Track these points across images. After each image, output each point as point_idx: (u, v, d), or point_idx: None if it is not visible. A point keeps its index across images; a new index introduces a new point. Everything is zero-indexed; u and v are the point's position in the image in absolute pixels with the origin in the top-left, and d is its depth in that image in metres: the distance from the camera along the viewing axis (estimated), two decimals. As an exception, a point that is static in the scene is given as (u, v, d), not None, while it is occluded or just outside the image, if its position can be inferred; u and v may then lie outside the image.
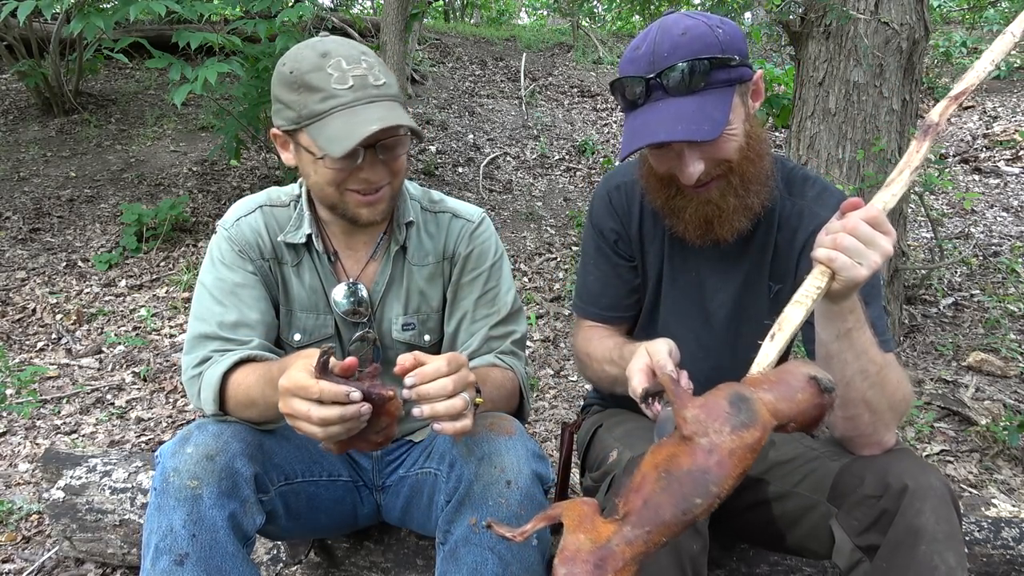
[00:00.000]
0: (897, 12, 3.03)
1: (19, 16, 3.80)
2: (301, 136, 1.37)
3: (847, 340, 1.18)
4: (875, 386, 1.22)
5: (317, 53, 1.34)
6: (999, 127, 6.26)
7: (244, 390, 1.33)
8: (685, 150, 1.30)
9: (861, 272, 1.07)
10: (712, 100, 1.27)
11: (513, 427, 1.39)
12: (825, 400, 0.98)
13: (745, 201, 1.36)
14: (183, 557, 1.23)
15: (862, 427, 1.27)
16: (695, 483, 0.91)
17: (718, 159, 1.32)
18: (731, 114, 1.28)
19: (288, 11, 4.19)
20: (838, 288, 1.10)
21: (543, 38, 10.09)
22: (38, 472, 2.24)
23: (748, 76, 1.33)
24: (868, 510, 1.22)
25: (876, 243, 1.07)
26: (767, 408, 0.96)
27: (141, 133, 6.12)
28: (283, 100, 1.37)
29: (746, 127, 1.33)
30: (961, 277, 4.03)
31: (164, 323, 3.75)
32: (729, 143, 1.31)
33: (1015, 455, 2.54)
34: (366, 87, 1.34)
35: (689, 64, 1.26)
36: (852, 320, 1.17)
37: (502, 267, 1.62)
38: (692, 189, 1.35)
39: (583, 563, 0.89)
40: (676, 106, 1.27)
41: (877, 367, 1.21)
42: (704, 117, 1.25)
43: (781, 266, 1.47)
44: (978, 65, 1.16)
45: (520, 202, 5.38)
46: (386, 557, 1.82)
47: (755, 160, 1.35)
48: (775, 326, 1.07)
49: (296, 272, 1.54)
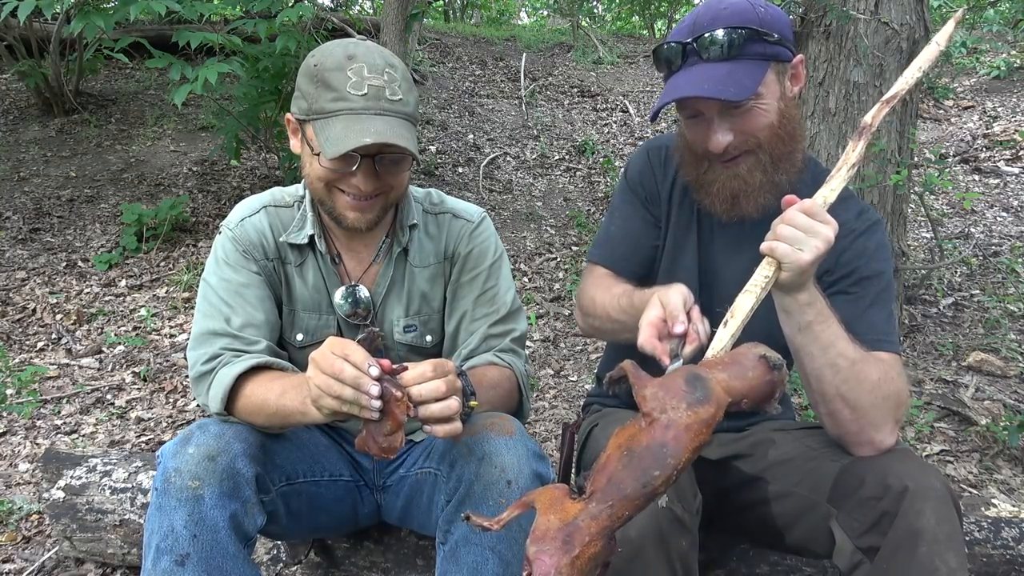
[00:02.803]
0: (897, 12, 3.03)
1: (19, 16, 3.80)
2: (307, 128, 1.39)
3: (809, 333, 1.23)
4: (849, 381, 1.24)
5: (345, 54, 1.36)
6: (999, 127, 6.26)
7: (260, 394, 1.33)
8: (716, 118, 1.34)
9: (803, 257, 1.13)
10: (745, 68, 1.31)
11: (513, 427, 1.39)
12: (775, 376, 1.05)
13: (772, 178, 1.39)
14: (184, 557, 1.24)
15: (845, 424, 1.28)
16: (654, 457, 0.97)
17: (747, 132, 1.34)
18: (764, 88, 1.33)
19: (288, 11, 4.19)
20: (787, 276, 1.16)
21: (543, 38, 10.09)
22: (38, 472, 2.25)
23: (786, 56, 1.36)
24: (869, 511, 1.22)
25: (815, 231, 1.14)
26: (721, 386, 1.03)
27: (141, 133, 6.12)
28: (302, 89, 1.40)
29: (780, 106, 1.36)
30: (961, 277, 4.03)
31: (164, 323, 3.75)
32: (759, 117, 1.34)
33: (1015, 455, 2.54)
34: (380, 98, 1.35)
35: (725, 31, 1.31)
36: (812, 313, 1.22)
37: (501, 266, 1.62)
38: (721, 164, 1.38)
39: (551, 540, 0.95)
40: (709, 70, 1.31)
41: (849, 361, 1.24)
42: (733, 81, 1.29)
43: None
44: (907, 72, 1.25)
45: (520, 202, 5.38)
46: (386, 557, 1.82)
47: (786, 140, 1.38)
48: (727, 314, 1.15)
49: (300, 272, 1.55)
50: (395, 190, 1.45)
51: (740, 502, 1.47)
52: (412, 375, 1.18)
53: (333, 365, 1.14)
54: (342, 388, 1.13)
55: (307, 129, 1.39)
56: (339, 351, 1.15)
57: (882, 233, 1.47)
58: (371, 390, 1.13)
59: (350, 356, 1.14)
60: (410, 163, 1.44)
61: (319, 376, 1.15)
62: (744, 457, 1.51)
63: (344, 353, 1.15)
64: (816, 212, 1.16)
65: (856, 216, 1.46)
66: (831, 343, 1.24)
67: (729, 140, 1.35)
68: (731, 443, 1.55)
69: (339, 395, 1.14)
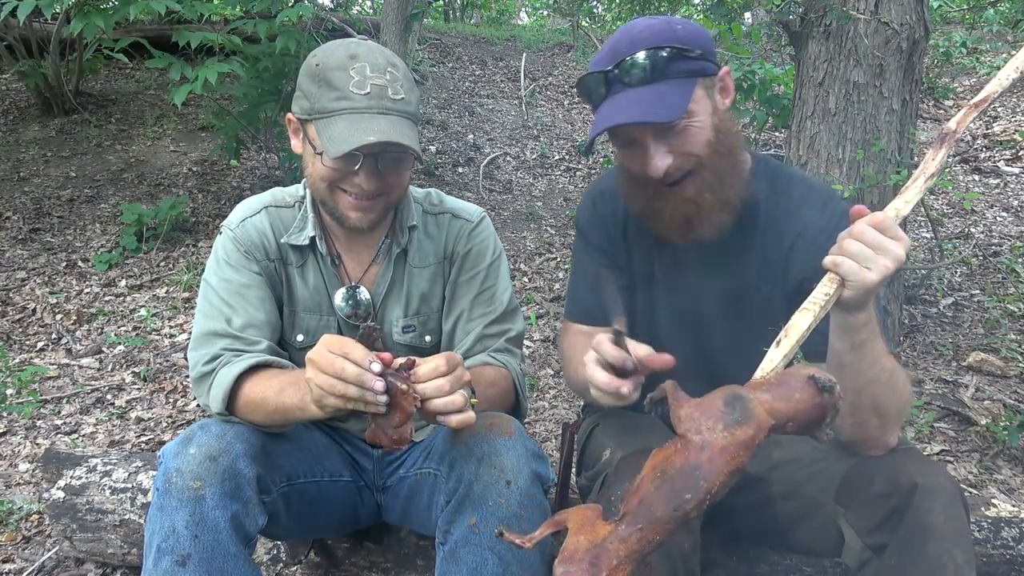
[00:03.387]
0: (897, 12, 3.03)
1: (19, 16, 3.79)
2: (309, 127, 1.39)
3: (861, 351, 1.18)
4: (885, 392, 1.22)
5: (347, 54, 1.36)
6: (999, 127, 6.26)
7: (259, 393, 1.33)
8: (651, 143, 1.30)
9: (870, 277, 1.07)
10: (672, 88, 1.28)
11: (513, 427, 1.39)
12: (825, 400, 0.98)
13: (721, 196, 1.36)
14: (185, 558, 1.24)
15: (870, 431, 1.27)
16: (686, 479, 0.93)
17: (685, 152, 1.31)
18: (694, 105, 1.30)
19: (288, 11, 4.19)
20: (850, 295, 1.09)
21: (543, 38, 10.08)
22: (38, 472, 2.25)
23: (712, 71, 1.34)
24: (878, 509, 1.22)
25: (885, 248, 1.08)
26: (764, 407, 0.97)
27: (141, 133, 6.12)
28: (303, 89, 1.40)
29: (714, 121, 1.33)
30: (961, 277, 4.03)
31: (164, 323, 3.75)
32: (695, 135, 1.31)
33: (1015, 455, 2.54)
34: (382, 98, 1.35)
35: (646, 53, 1.28)
36: (867, 332, 1.17)
37: (500, 266, 1.62)
38: (667, 188, 1.35)
39: (579, 562, 0.92)
40: (635, 95, 1.29)
41: (888, 374, 1.21)
42: (662, 103, 1.27)
43: (771, 267, 1.46)
44: (1001, 74, 1.16)
45: (520, 202, 5.38)
46: (386, 557, 1.83)
47: (726, 154, 1.35)
48: (782, 332, 1.08)
49: (300, 273, 1.55)
50: (396, 190, 1.45)
51: (742, 502, 1.47)
52: (426, 370, 1.18)
53: (334, 364, 1.14)
54: (346, 387, 1.13)
55: (309, 128, 1.39)
56: (338, 349, 1.15)
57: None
58: (375, 386, 1.13)
59: (350, 354, 1.14)
60: (412, 162, 1.44)
61: (320, 376, 1.15)
62: None
63: (343, 351, 1.14)
64: (887, 227, 1.09)
65: (820, 211, 1.43)
66: (877, 359, 1.20)
67: (668, 163, 1.31)
68: None
69: (343, 394, 1.14)
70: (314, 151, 1.38)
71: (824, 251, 1.40)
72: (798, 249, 1.42)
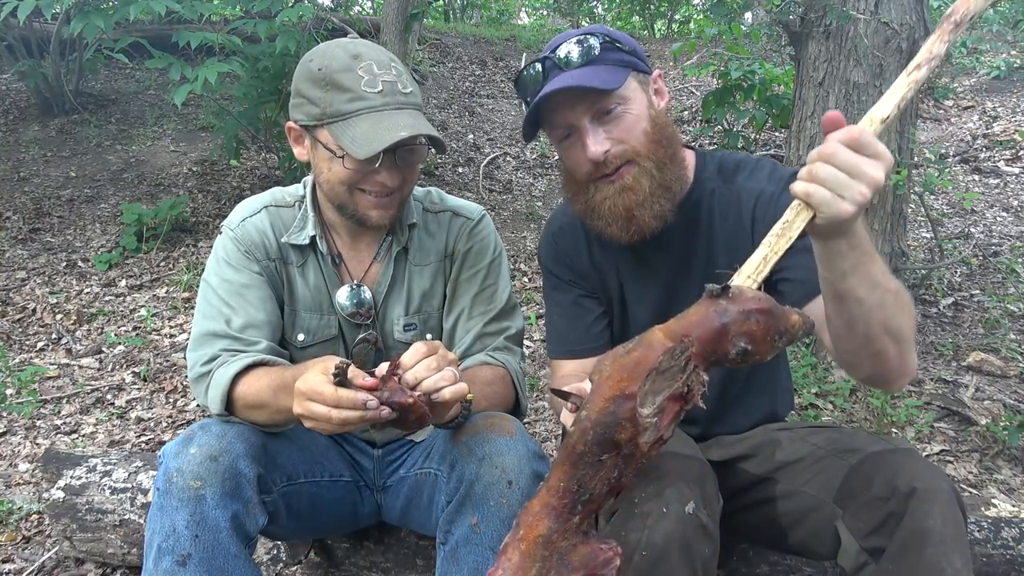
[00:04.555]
0: (897, 12, 3.03)
1: (19, 16, 3.80)
2: (321, 133, 1.37)
3: (855, 277, 1.05)
4: (897, 314, 1.10)
5: (348, 54, 1.35)
6: (999, 127, 6.26)
7: (255, 393, 1.33)
8: (588, 127, 1.33)
9: (843, 208, 0.94)
10: (606, 68, 1.33)
11: (514, 427, 1.39)
12: (720, 306, 0.91)
13: (660, 181, 1.37)
14: (185, 558, 1.24)
15: (890, 360, 1.16)
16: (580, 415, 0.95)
17: (622, 139, 1.34)
18: (630, 93, 1.34)
19: (288, 11, 4.19)
20: (823, 225, 0.97)
21: (543, 38, 10.09)
22: (38, 472, 2.25)
23: (644, 68, 1.39)
24: (875, 512, 1.22)
25: (860, 171, 0.93)
26: (660, 331, 0.94)
27: (141, 133, 6.12)
28: (307, 95, 1.37)
29: (651, 113, 1.37)
30: (961, 277, 4.03)
31: (164, 323, 3.75)
32: (631, 124, 1.34)
33: (1015, 455, 2.54)
34: (395, 93, 1.35)
35: (578, 39, 1.34)
36: (855, 256, 1.04)
37: (500, 264, 1.62)
38: (606, 181, 1.37)
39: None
40: (571, 74, 1.33)
41: (893, 295, 1.09)
42: (597, 77, 1.31)
43: (737, 248, 1.44)
44: None
45: (520, 202, 5.38)
46: (386, 557, 1.83)
47: (664, 144, 1.37)
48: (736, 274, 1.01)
49: (301, 273, 1.54)
50: (409, 183, 1.45)
51: (745, 502, 1.47)
52: (408, 356, 1.19)
53: (328, 416, 1.12)
54: (344, 425, 1.13)
55: (320, 134, 1.37)
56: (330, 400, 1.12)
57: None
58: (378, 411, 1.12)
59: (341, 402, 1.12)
60: (424, 156, 1.45)
61: (319, 425, 1.15)
62: (749, 458, 1.51)
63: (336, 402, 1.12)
64: (864, 143, 0.93)
65: (768, 178, 1.45)
66: (877, 281, 1.06)
67: (607, 148, 1.33)
68: (733, 444, 1.55)
69: (346, 423, 1.13)
70: (332, 155, 1.37)
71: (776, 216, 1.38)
72: (759, 219, 1.43)
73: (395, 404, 1.14)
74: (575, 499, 0.93)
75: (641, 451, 0.93)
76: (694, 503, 1.19)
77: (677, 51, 5.49)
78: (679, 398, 0.93)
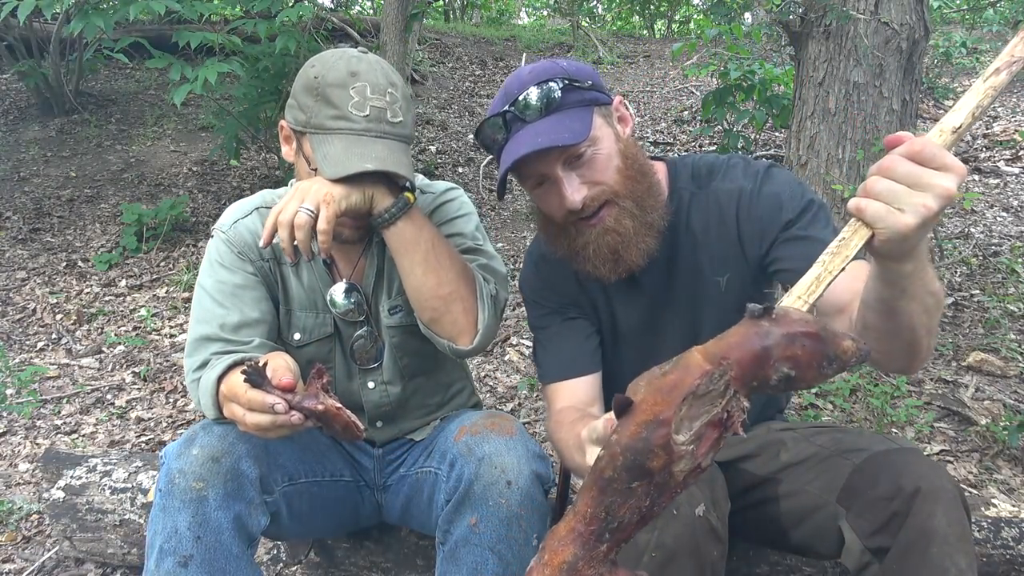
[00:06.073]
0: (897, 12, 3.03)
1: (19, 16, 3.80)
2: (304, 141, 1.38)
3: (910, 296, 1.00)
4: (937, 313, 1.08)
5: (348, 70, 1.34)
6: (999, 127, 6.27)
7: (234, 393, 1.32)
8: (561, 175, 1.29)
9: (903, 221, 0.85)
10: (570, 115, 1.28)
11: (514, 427, 1.39)
12: (762, 328, 0.84)
13: (643, 220, 1.34)
14: (187, 559, 1.24)
15: (923, 352, 1.13)
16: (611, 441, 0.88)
17: (597, 180, 1.30)
18: (597, 132, 1.30)
19: (288, 11, 4.20)
20: (884, 245, 0.89)
21: (543, 38, 10.10)
22: (38, 472, 2.24)
23: (605, 100, 1.34)
24: (880, 512, 1.22)
25: (923, 182, 0.85)
26: (698, 353, 0.87)
27: (141, 133, 6.12)
28: (299, 100, 1.38)
29: (620, 147, 1.33)
30: (961, 277, 4.03)
31: (164, 323, 3.75)
32: (603, 163, 1.30)
33: (1015, 455, 2.54)
34: (381, 121, 1.34)
35: (538, 87, 1.28)
36: (917, 276, 0.98)
37: (470, 221, 1.59)
38: (587, 224, 1.33)
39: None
40: (535, 128, 1.28)
41: (936, 298, 1.04)
42: (564, 128, 1.26)
43: (723, 253, 1.44)
44: None
45: (520, 202, 5.38)
46: (386, 557, 1.83)
47: (638, 178, 1.33)
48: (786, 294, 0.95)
49: (295, 272, 1.54)
50: None
51: (747, 502, 1.47)
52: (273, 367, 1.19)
53: (243, 419, 1.16)
54: (259, 429, 1.16)
55: (304, 142, 1.38)
56: (243, 402, 1.15)
57: (780, 170, 1.42)
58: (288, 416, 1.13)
59: (252, 405, 1.14)
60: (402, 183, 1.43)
61: (242, 428, 1.19)
62: (752, 458, 1.50)
63: (248, 404, 1.15)
64: (929, 156, 0.85)
65: (743, 174, 1.41)
66: (927, 291, 1.01)
67: (584, 194, 1.29)
68: (736, 444, 1.55)
69: (259, 428, 1.15)
70: (308, 166, 1.37)
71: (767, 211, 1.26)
72: (743, 218, 1.41)
73: (305, 410, 1.13)
74: (603, 527, 0.87)
75: (676, 480, 0.86)
76: (704, 505, 1.19)
77: (677, 51, 5.49)
78: (718, 424, 0.86)
